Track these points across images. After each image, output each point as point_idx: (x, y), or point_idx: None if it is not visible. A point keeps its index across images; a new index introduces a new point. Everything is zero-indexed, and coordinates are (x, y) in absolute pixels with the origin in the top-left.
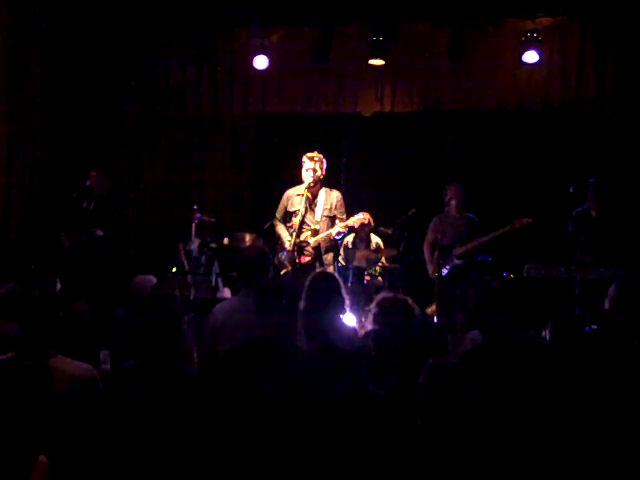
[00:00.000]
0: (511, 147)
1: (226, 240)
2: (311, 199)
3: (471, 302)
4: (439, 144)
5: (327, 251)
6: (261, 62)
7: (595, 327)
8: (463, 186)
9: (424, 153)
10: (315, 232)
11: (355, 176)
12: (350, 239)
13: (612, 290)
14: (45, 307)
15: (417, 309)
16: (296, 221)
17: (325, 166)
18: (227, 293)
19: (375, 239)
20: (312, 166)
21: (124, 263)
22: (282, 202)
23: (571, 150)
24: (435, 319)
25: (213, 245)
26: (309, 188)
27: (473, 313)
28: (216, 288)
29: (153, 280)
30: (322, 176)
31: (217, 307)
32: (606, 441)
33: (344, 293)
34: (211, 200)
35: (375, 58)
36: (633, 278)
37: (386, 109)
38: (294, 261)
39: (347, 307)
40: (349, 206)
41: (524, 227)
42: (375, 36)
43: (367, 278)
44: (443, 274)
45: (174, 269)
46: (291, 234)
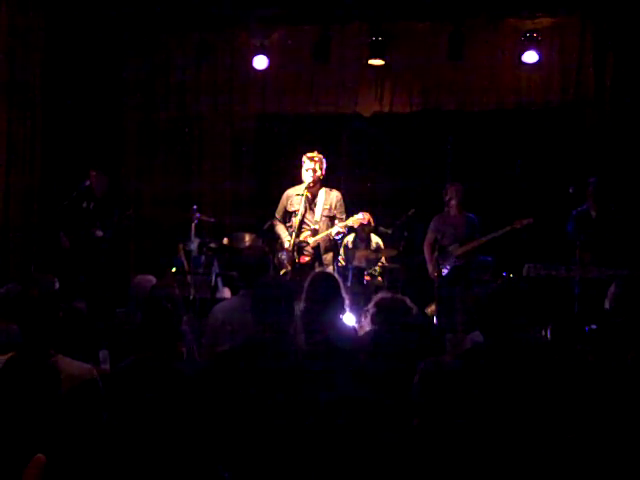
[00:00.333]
0: (511, 147)
1: (226, 240)
2: (311, 199)
3: (473, 302)
4: (439, 144)
5: (327, 251)
6: (261, 62)
7: (595, 327)
8: (463, 186)
9: (424, 153)
10: (315, 232)
11: (355, 176)
12: (350, 239)
13: (612, 290)
14: (45, 307)
15: (415, 309)
16: (296, 221)
17: (325, 166)
18: (227, 293)
19: (375, 239)
20: (312, 166)
21: (124, 263)
22: (282, 202)
23: (571, 150)
24: (435, 319)
25: (213, 245)
26: (309, 188)
27: (475, 313)
28: (216, 288)
29: (153, 280)
30: (322, 176)
31: (217, 307)
32: (606, 441)
33: (344, 293)
34: (211, 200)
35: (375, 58)
36: (633, 278)
37: (386, 109)
38: (294, 261)
39: (347, 307)
40: (349, 206)
41: (524, 227)
42: (375, 36)
43: (367, 278)
44: (443, 274)
45: (174, 269)
46: (291, 234)
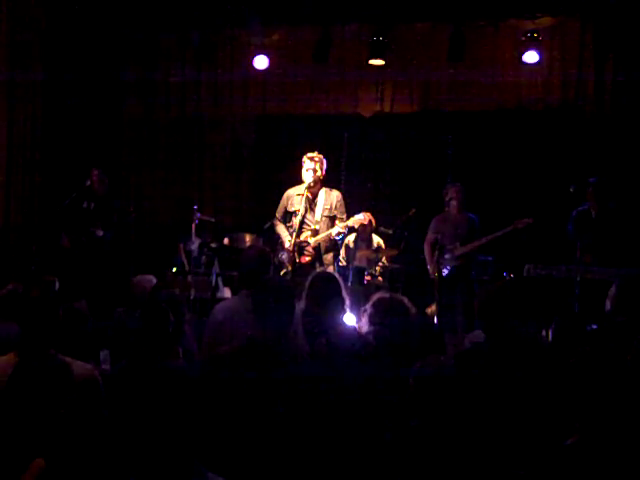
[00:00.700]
0: (511, 147)
1: (226, 240)
2: (311, 199)
3: (476, 302)
4: (439, 144)
5: (327, 251)
6: (261, 62)
7: (595, 327)
8: (463, 186)
9: (424, 153)
10: (315, 232)
11: (355, 176)
12: (352, 239)
13: (613, 290)
14: (45, 307)
15: (414, 309)
16: (296, 221)
17: (325, 166)
18: (227, 293)
19: (377, 239)
20: (312, 166)
21: (124, 263)
22: (282, 202)
23: (571, 150)
24: (435, 319)
25: (213, 245)
26: (309, 188)
27: (477, 313)
28: (216, 288)
29: (153, 280)
30: (322, 176)
31: (217, 307)
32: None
33: (344, 293)
34: (211, 200)
35: (375, 58)
36: (634, 279)
37: (386, 109)
38: (294, 261)
39: (347, 307)
40: (349, 206)
41: (524, 227)
42: (375, 36)
43: (367, 278)
44: (443, 274)
45: (174, 269)
46: (291, 234)
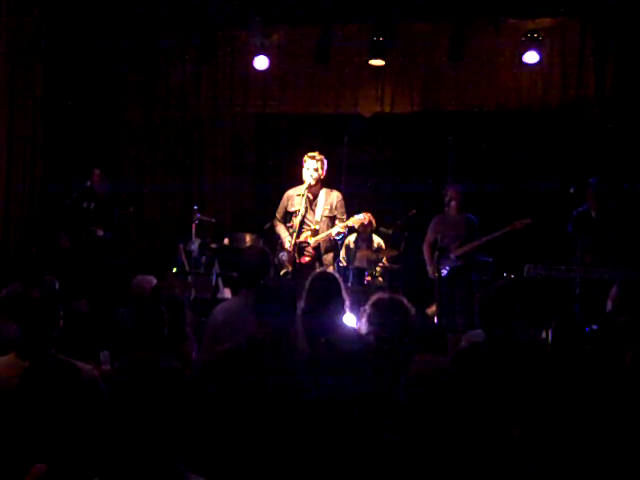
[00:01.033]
0: (511, 147)
1: (226, 240)
2: (311, 199)
3: (476, 302)
4: (439, 144)
5: (327, 251)
6: (261, 62)
7: (596, 327)
8: (463, 187)
9: (424, 153)
10: (315, 232)
11: (355, 176)
12: (352, 239)
13: (614, 291)
14: (45, 307)
15: (413, 310)
16: (296, 221)
17: (326, 166)
18: (227, 293)
19: (377, 239)
20: (313, 166)
21: (124, 263)
22: (282, 202)
23: (571, 150)
24: (435, 320)
25: (213, 245)
26: (309, 188)
27: (477, 313)
28: (216, 288)
29: (153, 280)
30: (322, 176)
31: (217, 307)
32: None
33: (344, 293)
34: (211, 200)
35: (375, 58)
36: (634, 279)
37: (386, 109)
38: (294, 261)
39: (347, 307)
40: (349, 206)
41: (524, 227)
42: (375, 36)
43: (368, 278)
44: (443, 275)
45: (174, 269)
46: (291, 234)
